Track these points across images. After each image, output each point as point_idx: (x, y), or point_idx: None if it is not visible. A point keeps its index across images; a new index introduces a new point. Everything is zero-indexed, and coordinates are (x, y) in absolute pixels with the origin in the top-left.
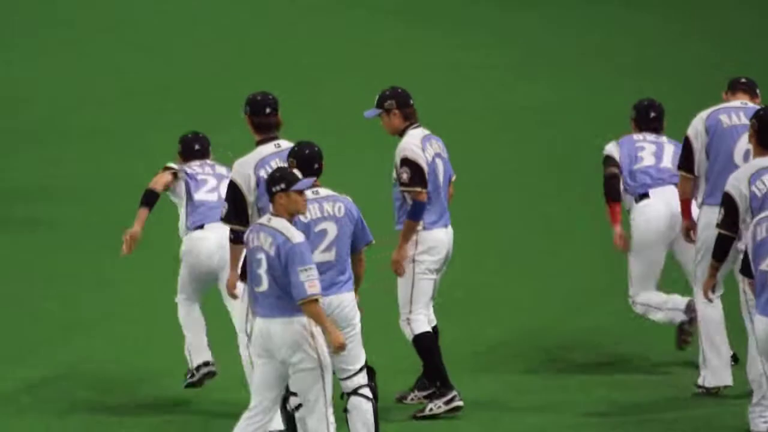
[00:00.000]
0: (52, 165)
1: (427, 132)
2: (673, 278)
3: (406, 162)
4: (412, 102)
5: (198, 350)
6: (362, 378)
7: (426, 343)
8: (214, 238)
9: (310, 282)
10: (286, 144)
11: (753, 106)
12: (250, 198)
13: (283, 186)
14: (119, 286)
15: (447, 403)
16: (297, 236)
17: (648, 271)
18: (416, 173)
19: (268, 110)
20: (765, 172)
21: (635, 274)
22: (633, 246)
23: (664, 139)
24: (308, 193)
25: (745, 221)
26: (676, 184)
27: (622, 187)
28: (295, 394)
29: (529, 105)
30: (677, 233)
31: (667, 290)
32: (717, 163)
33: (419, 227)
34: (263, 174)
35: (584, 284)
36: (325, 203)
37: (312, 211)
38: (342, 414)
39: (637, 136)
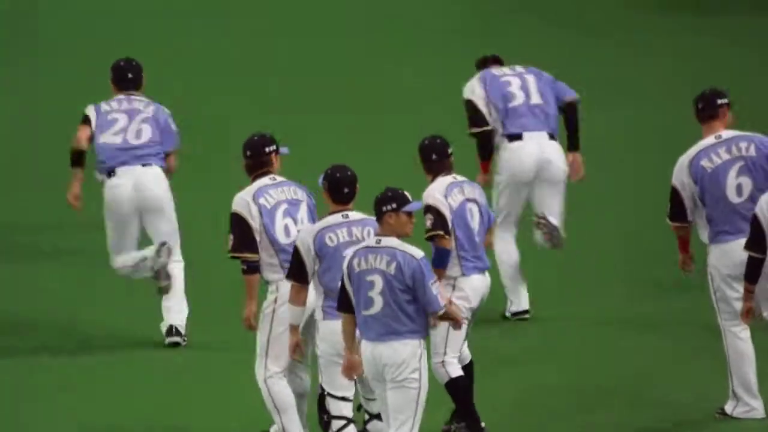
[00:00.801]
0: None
1: (457, 179)
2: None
3: (428, 209)
4: (435, 156)
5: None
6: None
7: (460, 387)
8: (128, 183)
9: (439, 293)
10: (281, 178)
11: (727, 134)
12: (255, 225)
13: (394, 206)
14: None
15: None
16: (418, 252)
17: None
18: (437, 219)
19: (249, 153)
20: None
21: None
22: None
23: (519, 69)
24: (338, 217)
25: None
26: (549, 133)
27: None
28: (359, 409)
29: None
30: (538, 176)
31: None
32: (715, 208)
33: (457, 273)
34: (263, 202)
35: None
36: (354, 227)
37: (340, 235)
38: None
39: (497, 71)
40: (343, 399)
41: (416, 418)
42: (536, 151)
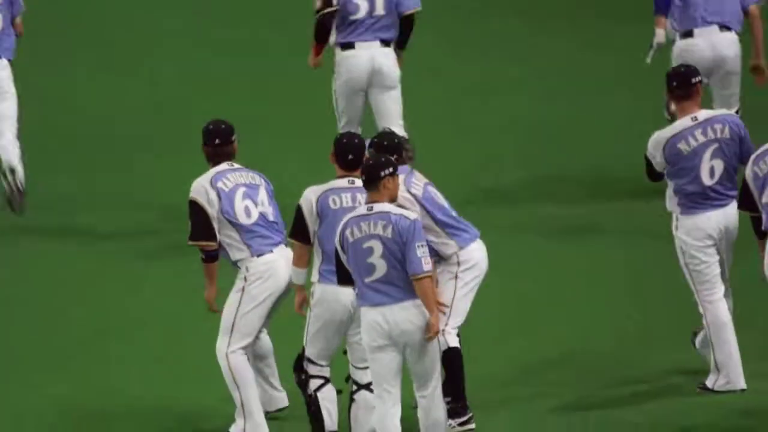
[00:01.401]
0: (83, 172)
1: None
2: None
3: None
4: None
5: None
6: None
7: (454, 358)
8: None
9: (425, 258)
10: (238, 165)
11: (702, 115)
12: (213, 212)
13: (391, 170)
14: (149, 292)
15: (462, 424)
16: (412, 214)
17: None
18: None
19: (217, 141)
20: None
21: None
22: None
23: None
24: (345, 182)
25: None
26: (382, 40)
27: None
28: (347, 379)
29: None
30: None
31: None
32: (688, 184)
33: (455, 249)
34: (221, 186)
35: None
36: (359, 194)
37: (344, 199)
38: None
39: None
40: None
41: (439, 375)
42: (366, 60)
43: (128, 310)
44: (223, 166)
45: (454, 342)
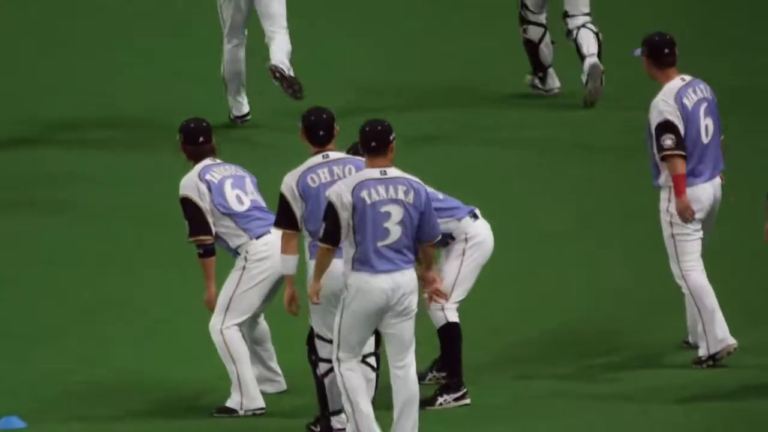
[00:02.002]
0: (81, 150)
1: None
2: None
3: None
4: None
5: None
6: (369, 345)
7: (453, 333)
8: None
9: (438, 223)
10: (220, 160)
11: (686, 77)
12: (206, 205)
13: (394, 134)
14: (144, 271)
15: (457, 399)
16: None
17: None
18: None
19: (201, 139)
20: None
21: None
22: None
23: None
24: (319, 158)
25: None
26: None
27: None
28: (325, 360)
29: None
30: None
31: None
32: (690, 148)
33: (455, 226)
34: (210, 178)
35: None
36: (335, 166)
37: (321, 175)
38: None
39: None
40: (332, 342)
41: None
42: None
43: (124, 287)
44: (207, 161)
45: (453, 317)
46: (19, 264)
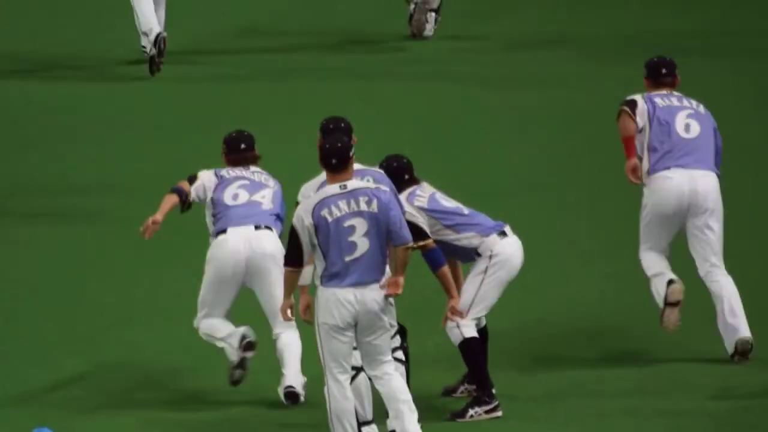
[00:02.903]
0: (113, 161)
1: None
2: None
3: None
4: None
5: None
6: (395, 341)
7: (472, 348)
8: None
9: (407, 227)
10: (258, 169)
11: (676, 93)
12: (209, 190)
13: (353, 151)
14: (173, 277)
15: (488, 412)
16: (383, 186)
17: None
18: (414, 229)
19: (242, 146)
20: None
21: None
22: None
23: None
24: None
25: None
26: None
27: None
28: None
29: None
30: None
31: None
32: (664, 139)
33: (478, 242)
34: (224, 173)
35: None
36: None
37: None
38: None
39: None
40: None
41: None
42: None
43: (154, 294)
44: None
45: (470, 333)
46: (49, 272)
